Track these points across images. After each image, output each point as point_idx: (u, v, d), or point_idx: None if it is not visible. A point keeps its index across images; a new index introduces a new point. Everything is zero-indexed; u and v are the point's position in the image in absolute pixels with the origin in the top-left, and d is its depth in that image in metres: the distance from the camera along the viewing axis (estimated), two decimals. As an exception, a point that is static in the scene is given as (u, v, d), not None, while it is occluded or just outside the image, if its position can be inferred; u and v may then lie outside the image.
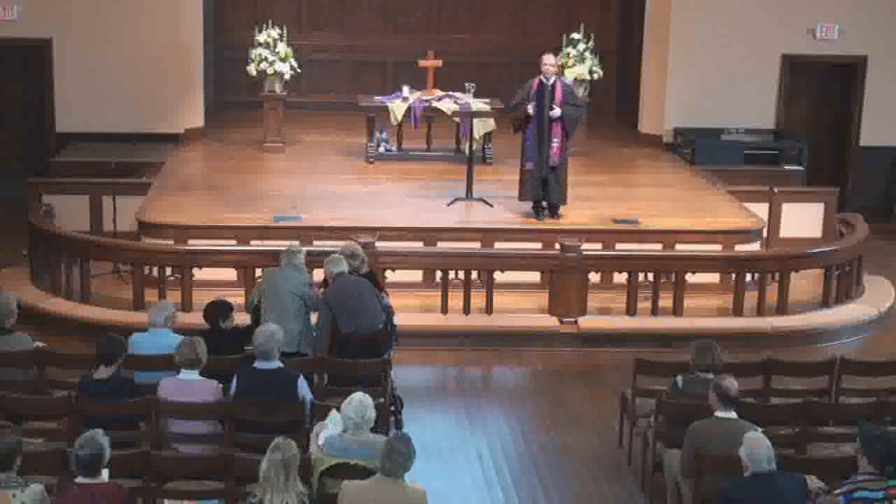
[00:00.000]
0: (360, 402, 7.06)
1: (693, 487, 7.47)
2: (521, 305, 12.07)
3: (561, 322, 11.74)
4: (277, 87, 15.22)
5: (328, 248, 11.38)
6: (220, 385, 7.99)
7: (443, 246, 12.37)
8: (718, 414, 7.48)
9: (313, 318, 9.59)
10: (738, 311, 12.01)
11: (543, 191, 12.79)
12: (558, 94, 12.54)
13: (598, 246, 12.42)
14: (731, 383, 7.50)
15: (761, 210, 13.77)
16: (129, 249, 12.12)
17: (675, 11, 16.25)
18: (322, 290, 9.59)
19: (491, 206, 13.23)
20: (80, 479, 6.38)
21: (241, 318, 9.62)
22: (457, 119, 14.92)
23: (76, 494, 6.34)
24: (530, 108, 12.45)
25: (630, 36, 17.74)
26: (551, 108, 12.46)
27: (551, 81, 12.60)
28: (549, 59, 12.71)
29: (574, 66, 15.06)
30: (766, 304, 12.06)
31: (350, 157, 15.41)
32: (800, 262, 12.39)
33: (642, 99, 16.89)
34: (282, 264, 9.65)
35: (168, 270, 11.72)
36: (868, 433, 6.80)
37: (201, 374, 7.98)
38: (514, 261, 12.14)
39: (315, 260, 10.44)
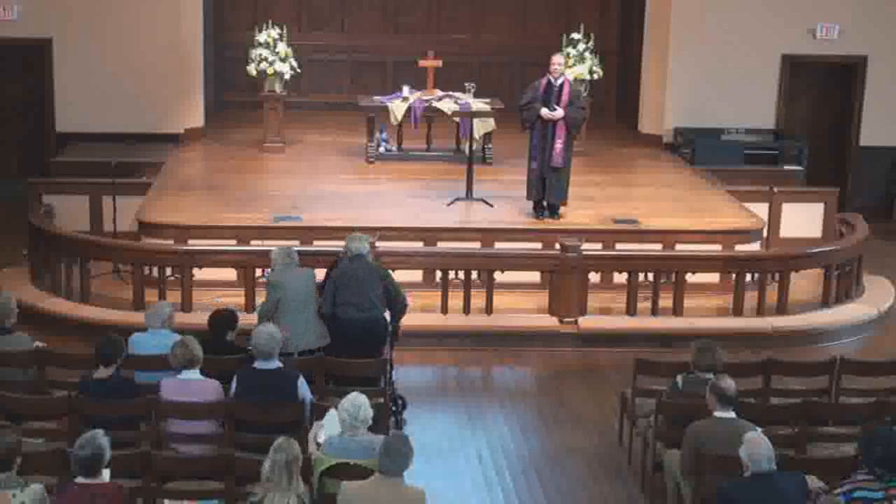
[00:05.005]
0: (353, 401, 7.06)
1: (693, 487, 7.47)
2: (521, 305, 12.07)
3: (561, 322, 11.74)
4: (277, 87, 15.22)
5: (328, 248, 11.41)
6: (221, 385, 7.99)
7: (443, 246, 12.38)
8: (717, 414, 7.49)
9: None
10: (738, 311, 12.01)
11: (544, 190, 12.81)
12: (564, 95, 12.56)
13: (598, 246, 12.42)
14: (729, 383, 7.51)
15: (761, 210, 13.77)
16: (129, 249, 12.12)
17: (675, 11, 16.25)
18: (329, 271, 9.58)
19: (491, 206, 13.23)
20: (80, 480, 6.38)
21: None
22: (457, 119, 14.92)
23: (76, 494, 6.34)
24: (544, 111, 12.47)
25: (630, 36, 17.73)
26: (554, 109, 12.48)
27: (559, 81, 12.62)
28: (558, 60, 12.76)
29: (574, 66, 15.06)
30: (766, 304, 12.06)
31: (350, 157, 15.41)
32: (800, 262, 12.39)
33: (642, 99, 16.89)
34: (281, 265, 9.56)
35: (168, 270, 11.71)
36: (866, 436, 6.82)
37: (202, 372, 7.99)
38: (514, 261, 12.14)
39: (315, 260, 10.47)
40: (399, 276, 11.55)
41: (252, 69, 15.11)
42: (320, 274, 9.80)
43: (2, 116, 16.01)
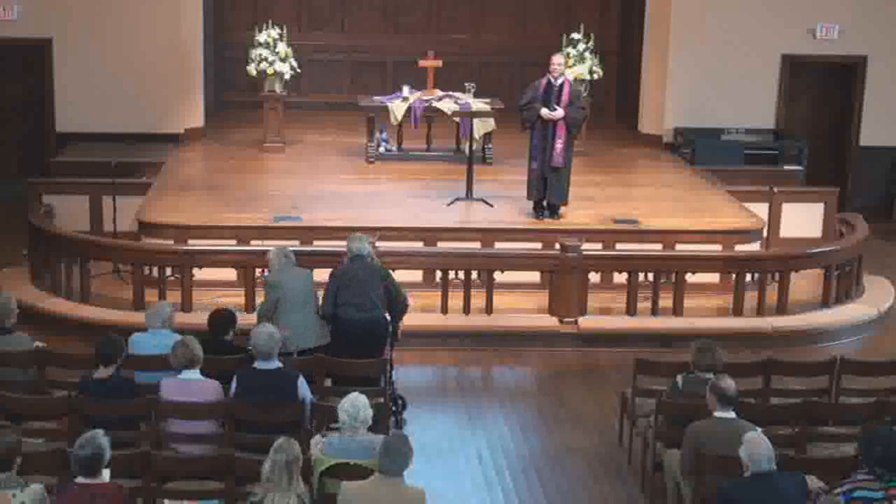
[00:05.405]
0: (353, 402, 7.06)
1: (693, 487, 7.47)
2: (521, 305, 12.07)
3: (561, 322, 11.73)
4: (277, 87, 15.22)
5: (328, 249, 11.42)
6: (221, 385, 7.99)
7: (443, 246, 12.38)
8: (717, 414, 7.49)
9: None
10: (738, 311, 12.01)
11: (545, 190, 12.82)
12: (564, 95, 12.56)
13: (598, 246, 12.42)
14: (729, 383, 7.51)
15: (761, 210, 13.77)
16: (129, 249, 12.12)
17: (675, 11, 16.25)
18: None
19: (491, 206, 13.23)
20: (80, 480, 6.38)
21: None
22: (457, 119, 14.91)
23: (76, 494, 6.34)
24: (544, 111, 12.47)
25: (630, 36, 17.73)
26: (554, 109, 12.48)
27: (559, 81, 12.62)
28: (557, 60, 12.78)
29: (574, 66, 15.06)
30: (766, 304, 12.06)
31: (350, 157, 15.41)
32: (800, 262, 12.39)
33: (642, 99, 16.89)
34: (280, 265, 9.57)
35: (168, 270, 11.71)
36: (866, 436, 6.82)
37: (202, 372, 7.99)
38: (514, 261, 12.14)
39: (313, 260, 10.47)
40: (399, 276, 11.55)
41: (252, 69, 15.11)
42: (321, 275, 9.81)
43: (2, 116, 16.01)
